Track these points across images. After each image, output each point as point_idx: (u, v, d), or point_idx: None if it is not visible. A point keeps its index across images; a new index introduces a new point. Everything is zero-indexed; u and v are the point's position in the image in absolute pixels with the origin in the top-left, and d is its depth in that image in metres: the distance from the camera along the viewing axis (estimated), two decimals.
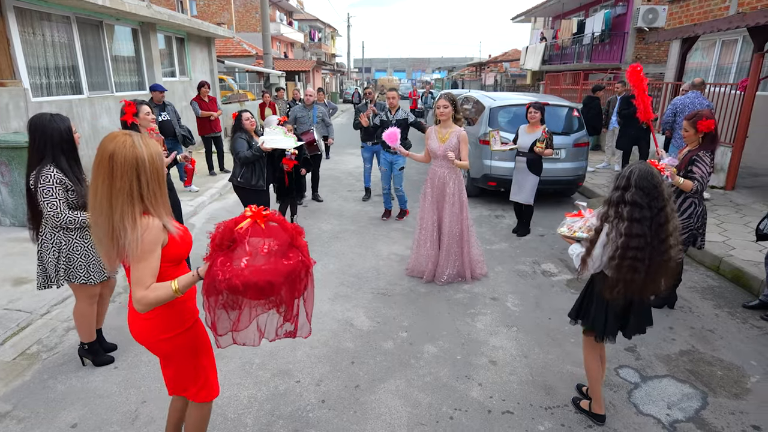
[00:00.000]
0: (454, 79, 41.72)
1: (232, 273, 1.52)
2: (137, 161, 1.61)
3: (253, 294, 1.55)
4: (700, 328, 3.65)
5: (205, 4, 30.90)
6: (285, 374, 3.10)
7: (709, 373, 3.10)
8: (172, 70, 11.03)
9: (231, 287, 1.52)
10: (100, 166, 1.61)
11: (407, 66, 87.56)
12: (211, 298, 1.61)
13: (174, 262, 1.79)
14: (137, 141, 1.63)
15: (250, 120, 4.70)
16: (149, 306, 1.64)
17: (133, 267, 1.64)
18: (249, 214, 1.67)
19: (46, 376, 3.08)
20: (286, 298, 1.66)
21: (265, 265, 1.56)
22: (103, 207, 1.61)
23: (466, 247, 4.42)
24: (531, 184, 5.50)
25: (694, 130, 3.57)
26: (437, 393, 2.91)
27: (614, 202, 2.23)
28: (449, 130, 4.30)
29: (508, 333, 3.60)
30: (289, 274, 1.59)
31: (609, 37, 15.88)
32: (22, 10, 6.50)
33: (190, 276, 1.67)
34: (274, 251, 1.61)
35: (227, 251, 1.59)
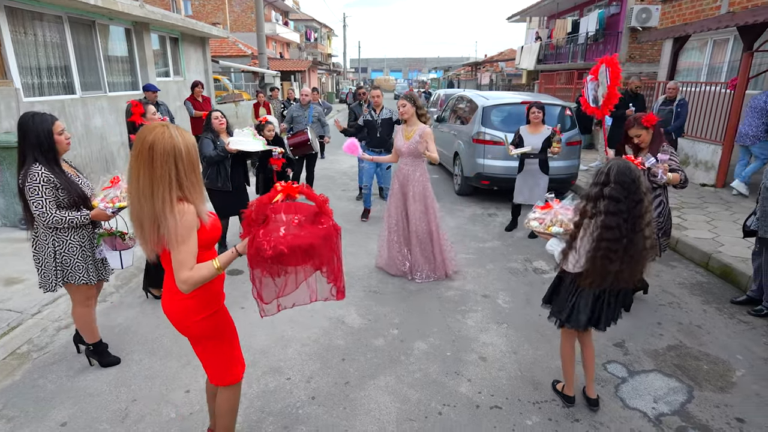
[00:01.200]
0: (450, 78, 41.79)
1: (276, 240, 1.66)
2: (175, 150, 1.69)
3: (299, 257, 1.69)
4: (688, 324, 3.69)
5: (200, 4, 30.81)
6: (276, 372, 3.11)
7: (696, 367, 3.13)
8: (166, 70, 11.01)
9: (277, 253, 1.64)
10: (140, 155, 1.69)
11: (404, 66, 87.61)
12: (257, 269, 1.72)
13: (205, 246, 1.88)
14: (174, 132, 1.72)
15: (219, 119, 4.65)
16: (195, 285, 1.75)
17: (175, 251, 1.72)
18: (280, 188, 1.82)
19: (36, 376, 3.08)
20: (327, 258, 1.79)
21: (303, 230, 1.73)
22: (145, 194, 1.70)
23: (437, 246, 4.44)
24: (544, 185, 5.45)
25: (645, 129, 3.53)
26: (426, 389, 2.93)
27: (593, 197, 2.28)
28: (413, 128, 4.33)
29: (498, 330, 3.63)
30: (326, 236, 1.76)
31: (603, 36, 15.94)
32: (13, 10, 6.48)
33: (230, 253, 1.80)
34: (303, 221, 1.77)
35: (263, 225, 1.73)
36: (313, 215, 1.81)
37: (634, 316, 3.75)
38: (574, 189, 7.88)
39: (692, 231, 5.41)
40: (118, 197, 2.70)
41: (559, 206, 2.57)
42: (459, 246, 5.42)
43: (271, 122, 5.61)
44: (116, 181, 2.79)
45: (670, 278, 4.50)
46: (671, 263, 4.84)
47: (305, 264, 1.74)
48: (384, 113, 6.23)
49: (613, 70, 4.55)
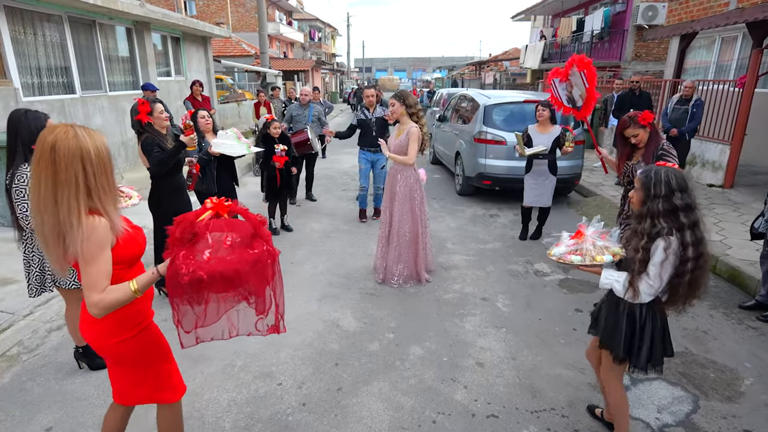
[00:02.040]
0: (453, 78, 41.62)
1: (196, 265, 1.49)
2: (81, 152, 1.51)
3: (220, 285, 1.52)
4: (694, 329, 3.57)
5: (204, 4, 30.88)
6: (267, 376, 3.04)
7: (702, 375, 3.02)
8: (167, 70, 10.98)
9: (195, 279, 1.48)
10: (41, 159, 1.51)
11: (408, 65, 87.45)
12: (175, 293, 1.55)
13: (126, 263, 1.70)
14: (80, 132, 1.54)
15: (206, 119, 4.57)
16: (107, 310, 1.57)
17: (83, 270, 1.54)
18: (210, 205, 1.63)
19: (25, 379, 3.02)
20: (256, 288, 1.62)
21: (230, 256, 1.54)
22: (47, 203, 1.51)
23: (418, 248, 4.30)
24: (552, 186, 5.31)
25: (642, 128, 3.34)
26: (421, 396, 2.83)
27: (662, 212, 1.95)
28: (404, 127, 4.20)
29: (497, 334, 3.53)
30: (255, 263, 1.57)
31: (608, 35, 15.77)
32: (12, 9, 6.45)
33: (149, 274, 1.61)
34: (237, 243, 1.57)
35: (189, 245, 1.55)
36: (250, 237, 1.61)
37: None
38: (578, 189, 7.77)
39: None
40: None
41: (590, 233, 2.17)
42: (459, 247, 5.33)
43: (276, 120, 5.56)
44: None
45: None
46: None
47: (228, 293, 1.57)
48: (378, 112, 6.14)
49: (588, 72, 4.41)
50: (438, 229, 5.92)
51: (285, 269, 4.67)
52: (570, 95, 4.68)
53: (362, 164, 6.17)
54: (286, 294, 4.23)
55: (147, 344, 1.84)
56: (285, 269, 4.67)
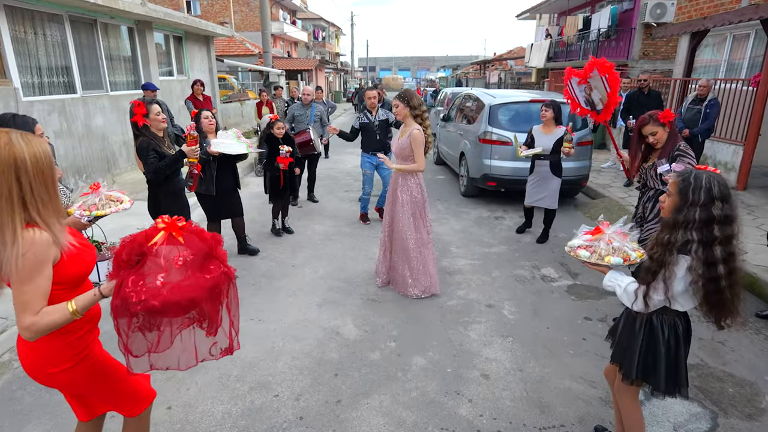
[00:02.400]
0: (458, 77, 41.43)
1: (149, 293, 1.36)
2: (15, 161, 1.37)
3: (174, 313, 1.41)
4: (710, 340, 3.42)
5: (209, 4, 30.89)
6: (263, 387, 2.92)
7: (720, 390, 2.87)
8: (169, 69, 10.89)
9: (148, 309, 1.36)
10: None
11: (412, 65, 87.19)
12: (123, 320, 1.41)
13: (69, 284, 1.54)
14: (15, 138, 1.40)
15: (210, 119, 4.46)
16: (40, 333, 1.43)
17: (16, 290, 1.40)
18: (162, 225, 1.47)
19: (15, 387, 2.93)
20: (210, 313, 1.50)
21: (185, 281, 1.42)
22: None
23: (429, 256, 4.06)
24: (555, 188, 5.20)
25: (661, 126, 3.21)
26: (423, 410, 2.71)
27: (697, 222, 1.73)
28: (407, 129, 3.99)
29: (503, 343, 3.39)
30: (212, 289, 1.46)
31: (615, 33, 15.55)
32: (12, 9, 6.37)
33: (91, 295, 1.48)
34: (190, 262, 1.45)
35: (137, 267, 1.42)
36: (204, 255, 1.48)
37: None
38: (585, 191, 7.60)
39: None
40: (96, 204, 2.51)
41: (611, 231, 2.03)
42: (464, 251, 5.20)
43: (281, 120, 5.45)
44: (96, 187, 2.60)
45: None
46: None
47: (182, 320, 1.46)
48: (380, 115, 6.00)
49: (611, 77, 4.29)
50: (442, 232, 5.78)
51: (286, 273, 4.62)
52: (588, 98, 4.57)
53: (367, 169, 6.03)
54: (286, 298, 4.15)
55: (91, 373, 1.68)
56: (286, 273, 4.62)
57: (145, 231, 1.46)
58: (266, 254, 5.07)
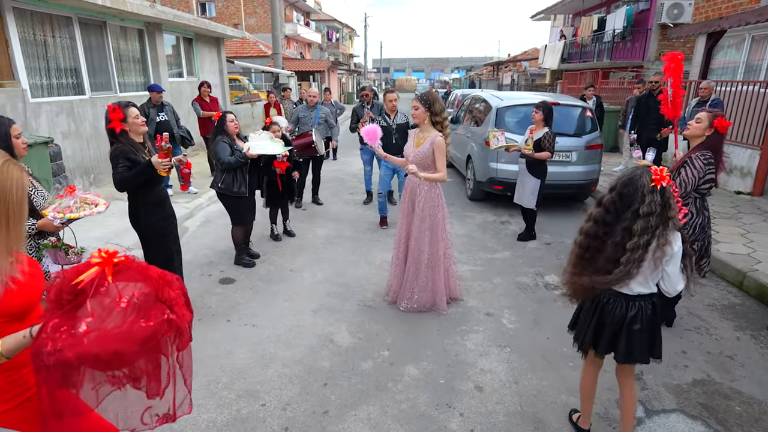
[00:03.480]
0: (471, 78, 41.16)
1: (65, 343, 1.15)
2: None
3: (97, 367, 1.19)
4: (718, 354, 3.26)
5: (223, 6, 31.21)
6: (251, 396, 2.86)
7: (726, 408, 2.73)
8: (179, 71, 10.96)
9: (61, 361, 1.15)
10: None
11: (426, 66, 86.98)
12: (39, 374, 1.21)
13: (10, 317, 1.36)
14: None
15: (234, 122, 4.44)
16: None
17: None
18: (97, 260, 1.25)
19: None
20: (147, 369, 1.25)
21: (116, 329, 1.18)
22: None
23: (438, 273, 3.80)
24: (531, 187, 5.25)
25: (708, 124, 3.21)
26: (412, 423, 2.62)
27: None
28: (425, 135, 3.68)
29: (500, 354, 3.28)
30: (146, 340, 1.19)
31: (631, 34, 15.25)
32: (21, 11, 6.44)
33: (20, 337, 1.29)
34: (136, 305, 1.23)
35: (69, 309, 1.22)
36: (153, 298, 1.25)
37: None
38: (594, 195, 7.42)
39: (725, 245, 4.92)
40: (70, 207, 2.47)
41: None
42: (466, 256, 5.08)
43: (276, 123, 5.39)
44: (72, 189, 2.57)
45: (698, 299, 4.05)
46: (699, 281, 4.37)
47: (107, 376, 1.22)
48: (399, 118, 5.91)
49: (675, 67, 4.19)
50: None
51: (284, 277, 4.56)
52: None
53: (383, 171, 5.95)
54: (282, 303, 4.08)
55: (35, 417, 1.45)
56: (284, 277, 4.56)
57: (77, 266, 1.27)
58: (266, 258, 5.02)
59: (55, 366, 1.16)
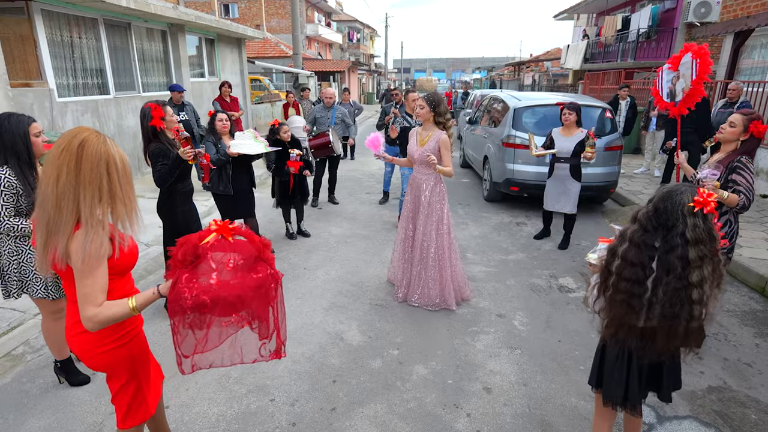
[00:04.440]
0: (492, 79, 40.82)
1: (200, 289, 1.47)
2: (108, 156, 1.54)
3: (222, 310, 1.50)
4: (736, 361, 3.17)
5: (246, 7, 31.68)
6: (261, 390, 2.90)
7: (742, 416, 2.65)
8: (201, 71, 11.17)
9: (198, 304, 1.46)
10: (65, 152, 1.50)
11: (447, 66, 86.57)
12: (177, 317, 1.53)
13: (118, 273, 1.69)
14: (109, 141, 1.59)
15: (223, 122, 4.49)
16: (102, 324, 1.55)
17: (79, 283, 1.52)
18: (214, 228, 1.58)
19: (25, 380, 3.02)
20: (259, 312, 1.60)
21: (233, 280, 1.52)
22: (66, 197, 1.49)
23: (447, 268, 3.86)
24: (575, 192, 5.03)
25: (743, 128, 3.01)
26: (419, 422, 2.62)
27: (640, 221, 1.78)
28: (429, 134, 3.82)
29: (510, 356, 3.26)
30: (258, 288, 1.55)
31: (656, 33, 14.91)
32: (49, 13, 6.66)
33: (150, 293, 1.59)
34: (240, 266, 1.55)
35: (191, 267, 1.53)
36: (254, 258, 1.58)
37: None
38: (614, 197, 7.29)
39: (748, 249, 4.78)
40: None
41: None
42: (480, 257, 5.06)
43: (284, 123, 5.45)
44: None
45: (717, 304, 3.94)
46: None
47: (229, 317, 1.54)
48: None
49: (702, 63, 3.97)
50: (460, 237, 5.66)
51: (297, 275, 4.61)
52: (673, 88, 4.34)
53: (406, 171, 5.96)
54: (294, 301, 4.13)
55: (129, 357, 1.78)
56: (297, 275, 4.61)
57: (198, 233, 1.58)
58: (280, 255, 5.08)
59: (192, 308, 1.46)
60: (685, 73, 4.15)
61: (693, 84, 4.06)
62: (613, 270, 1.74)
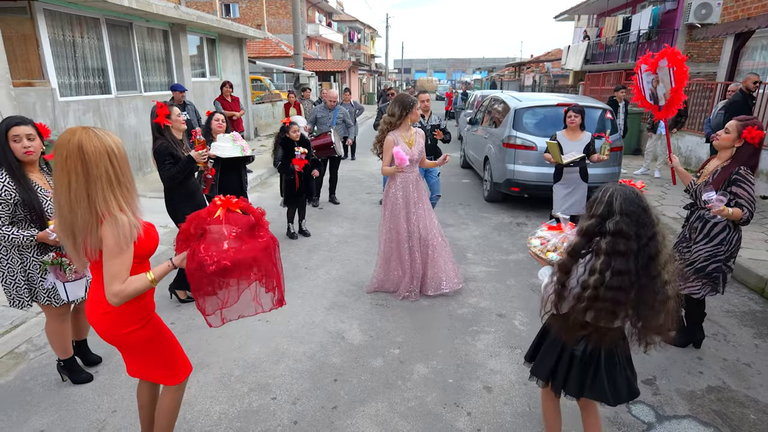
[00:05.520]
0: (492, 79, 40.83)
1: (219, 255, 1.66)
2: (107, 148, 1.63)
3: (242, 271, 1.72)
4: (735, 361, 3.19)
5: (247, 7, 31.68)
6: (262, 389, 2.92)
7: (740, 416, 2.67)
8: (202, 71, 11.19)
9: (221, 268, 1.65)
10: (69, 158, 1.60)
11: (447, 66, 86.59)
12: (201, 281, 1.69)
13: (142, 257, 1.83)
14: (98, 132, 1.66)
15: (220, 122, 4.47)
16: (127, 298, 1.71)
17: (108, 263, 1.66)
18: (219, 203, 1.79)
19: (28, 377, 3.03)
20: (268, 270, 1.81)
21: (244, 244, 1.73)
22: (80, 199, 1.62)
23: (446, 253, 4.22)
24: (583, 193, 5.00)
25: (737, 135, 2.96)
26: (419, 421, 2.64)
27: (590, 233, 1.76)
28: (411, 132, 4.05)
29: (510, 355, 3.27)
30: (265, 249, 1.78)
31: (657, 34, 14.94)
32: (51, 13, 6.68)
33: (165, 266, 1.78)
34: (241, 233, 1.76)
35: (202, 240, 1.71)
36: (250, 227, 1.79)
37: (670, 349, 3.29)
38: None
39: (747, 251, 4.80)
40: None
41: (572, 232, 2.07)
42: (480, 257, 5.08)
43: (296, 123, 5.47)
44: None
45: (716, 305, 3.97)
46: None
47: (247, 276, 1.75)
48: (433, 120, 5.88)
49: (678, 71, 3.95)
50: (460, 237, 5.68)
51: (298, 274, 4.63)
52: (654, 91, 4.31)
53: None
54: (295, 300, 4.15)
55: (152, 334, 1.97)
56: (298, 274, 4.63)
57: (206, 208, 1.78)
58: (281, 255, 5.08)
59: (215, 272, 1.65)
60: (663, 78, 4.13)
61: (672, 92, 4.06)
62: (591, 284, 1.72)
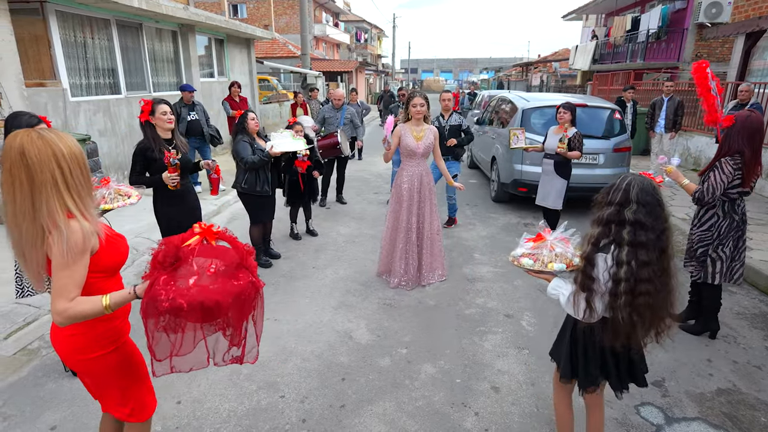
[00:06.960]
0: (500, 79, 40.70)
1: (177, 292, 1.41)
2: (52, 150, 1.46)
3: (198, 316, 1.43)
4: (745, 363, 3.17)
5: (254, 7, 31.82)
6: (271, 387, 2.94)
7: (751, 418, 2.65)
8: (210, 71, 11.26)
9: (174, 307, 1.39)
10: (12, 167, 1.43)
11: (454, 66, 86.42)
12: (151, 319, 1.46)
13: (106, 272, 1.63)
14: (44, 133, 1.49)
15: (255, 121, 4.54)
16: (71, 320, 1.48)
17: (55, 275, 1.47)
18: (198, 230, 1.55)
19: (41, 374, 3.07)
20: (234, 320, 1.55)
21: (213, 285, 1.46)
22: (25, 210, 1.45)
23: (438, 241, 4.46)
24: (558, 188, 5.13)
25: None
26: (427, 420, 2.65)
27: (609, 221, 1.78)
28: (422, 128, 4.27)
29: (518, 356, 3.27)
30: (238, 295, 1.49)
31: (666, 34, 14.82)
32: (63, 14, 6.76)
33: (126, 293, 1.53)
34: (221, 272, 1.50)
35: (170, 270, 1.47)
36: (236, 265, 1.53)
37: (679, 350, 3.28)
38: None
39: (758, 252, 4.75)
40: (105, 198, 2.59)
41: (553, 237, 2.05)
42: (488, 257, 5.07)
43: (300, 123, 5.49)
44: (106, 181, 2.69)
45: (727, 306, 3.93)
46: (729, 289, 4.24)
47: (209, 323, 1.49)
48: (453, 120, 5.86)
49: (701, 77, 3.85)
50: (467, 237, 5.68)
51: (306, 274, 4.65)
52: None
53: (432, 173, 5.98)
54: (303, 300, 4.17)
55: (120, 363, 1.75)
56: (306, 274, 4.65)
57: (181, 235, 1.53)
58: (289, 255, 5.12)
59: (168, 311, 1.40)
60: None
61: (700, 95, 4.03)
62: (622, 276, 1.72)
